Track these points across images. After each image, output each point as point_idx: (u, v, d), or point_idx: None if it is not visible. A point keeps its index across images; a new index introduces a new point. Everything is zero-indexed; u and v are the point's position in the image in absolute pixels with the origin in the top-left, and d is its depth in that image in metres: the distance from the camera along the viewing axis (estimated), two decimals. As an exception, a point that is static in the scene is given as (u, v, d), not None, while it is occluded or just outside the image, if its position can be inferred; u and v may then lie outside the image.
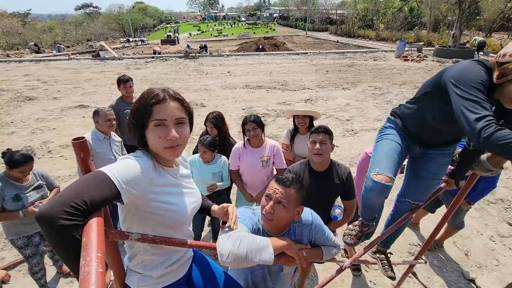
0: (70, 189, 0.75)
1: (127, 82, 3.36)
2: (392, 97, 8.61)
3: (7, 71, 12.47)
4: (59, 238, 0.69)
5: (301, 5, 48.96)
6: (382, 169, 1.49)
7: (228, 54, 17.57)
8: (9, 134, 5.92)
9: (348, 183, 1.98)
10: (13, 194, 2.08)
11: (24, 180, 2.16)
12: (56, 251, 0.72)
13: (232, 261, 1.03)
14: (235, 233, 1.09)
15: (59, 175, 4.37)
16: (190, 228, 1.26)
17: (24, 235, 2.19)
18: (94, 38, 28.59)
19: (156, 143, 0.97)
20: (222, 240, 1.08)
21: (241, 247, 1.04)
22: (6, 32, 23.85)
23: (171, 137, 0.96)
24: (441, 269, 2.78)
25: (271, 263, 1.10)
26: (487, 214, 3.58)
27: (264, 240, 1.13)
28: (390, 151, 1.55)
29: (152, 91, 0.98)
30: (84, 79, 11.08)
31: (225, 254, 1.03)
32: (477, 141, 1.07)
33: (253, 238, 1.10)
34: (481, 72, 1.16)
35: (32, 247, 2.22)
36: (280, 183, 1.25)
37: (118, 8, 47.75)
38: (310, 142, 1.91)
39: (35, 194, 2.20)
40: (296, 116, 2.65)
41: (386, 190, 1.48)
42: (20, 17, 31.71)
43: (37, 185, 2.23)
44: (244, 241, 1.06)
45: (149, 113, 0.95)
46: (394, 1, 33.55)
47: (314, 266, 2.72)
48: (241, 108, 7.54)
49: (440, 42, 20.10)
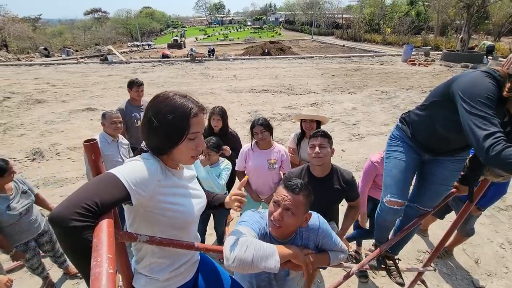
0: (81, 191, 0.76)
1: (141, 86, 3.43)
2: (399, 101, 8.54)
3: (17, 75, 12.75)
4: (70, 239, 0.70)
5: (307, 10, 49.18)
6: (394, 195, 1.58)
7: (234, 58, 17.69)
8: (18, 136, 6.03)
9: (350, 187, 1.96)
10: (5, 206, 2.06)
11: (7, 190, 2.13)
12: (66, 252, 0.73)
13: (238, 266, 1.02)
14: (242, 238, 1.08)
15: (67, 177, 4.42)
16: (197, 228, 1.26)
17: (21, 243, 2.23)
18: (102, 42, 29.15)
19: (188, 153, 1.00)
20: (228, 244, 1.07)
21: (247, 252, 1.03)
22: (17, 37, 24.45)
23: (202, 147, 1.03)
24: (451, 277, 2.73)
25: (277, 271, 1.08)
26: (497, 221, 3.50)
27: (271, 247, 1.12)
28: (399, 173, 1.60)
29: (184, 104, 0.95)
30: (92, 82, 11.26)
31: (230, 258, 1.03)
32: (486, 158, 1.07)
33: (260, 244, 1.09)
34: (489, 86, 1.13)
35: (31, 251, 2.29)
36: (289, 190, 1.23)
37: (126, 13, 48.64)
38: (309, 146, 1.91)
39: (24, 200, 2.20)
40: (304, 120, 2.64)
41: (399, 212, 1.62)
42: (31, 21, 32.48)
43: (22, 191, 2.22)
44: (251, 246, 1.05)
45: (188, 128, 0.96)
46: (401, 5, 33.48)
47: (320, 271, 2.68)
48: (246, 112, 7.56)
49: (448, 46, 19.93)
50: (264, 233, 1.29)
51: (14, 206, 2.11)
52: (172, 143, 0.96)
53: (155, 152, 1.00)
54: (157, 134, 0.96)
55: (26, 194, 2.25)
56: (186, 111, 0.95)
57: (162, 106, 0.95)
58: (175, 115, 0.94)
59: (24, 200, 2.20)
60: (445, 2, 21.15)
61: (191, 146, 0.99)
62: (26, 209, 2.19)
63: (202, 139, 1.03)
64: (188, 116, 0.95)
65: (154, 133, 0.96)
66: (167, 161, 1.04)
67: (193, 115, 0.96)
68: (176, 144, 0.96)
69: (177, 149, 0.98)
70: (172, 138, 0.96)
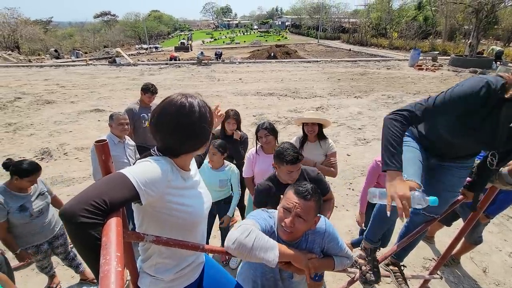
0: (91, 188, 0.78)
1: (154, 94, 3.51)
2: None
3: (28, 75, 13.03)
4: (78, 235, 0.72)
5: (314, 14, 49.26)
6: (410, 175, 1.32)
7: (240, 61, 17.80)
8: (28, 136, 6.15)
9: (318, 183, 1.85)
10: (18, 205, 2.05)
11: (29, 190, 2.13)
12: (76, 248, 0.75)
13: (237, 248, 1.05)
14: (247, 226, 1.12)
15: (74, 177, 4.49)
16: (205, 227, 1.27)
17: (33, 245, 2.22)
18: (111, 45, 29.65)
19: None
20: (232, 229, 1.13)
21: (248, 238, 1.07)
22: (29, 39, 25.07)
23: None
24: (458, 285, 2.67)
25: (274, 266, 1.11)
26: (506, 229, 3.43)
27: (272, 242, 1.14)
28: (414, 158, 1.45)
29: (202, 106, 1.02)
30: (100, 84, 11.44)
31: (231, 239, 1.07)
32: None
33: (262, 235, 1.13)
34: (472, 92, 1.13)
35: (42, 253, 2.29)
36: (300, 196, 1.22)
37: (135, 16, 49.44)
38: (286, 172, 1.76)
39: (39, 202, 2.18)
40: (306, 124, 2.64)
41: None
42: (42, 24, 33.29)
43: (40, 192, 2.21)
44: (252, 234, 1.09)
45: (210, 131, 1.07)
46: (409, 9, 33.31)
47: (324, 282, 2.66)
48: (252, 115, 7.59)
49: (456, 51, 19.75)
50: (271, 232, 1.30)
51: (27, 206, 2.09)
52: (199, 145, 1.05)
53: (168, 153, 1.02)
54: (185, 137, 1.00)
55: (43, 195, 2.23)
56: (210, 117, 1.05)
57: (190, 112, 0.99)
58: (200, 119, 1.00)
59: (39, 201, 2.18)
60: (454, 7, 20.98)
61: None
62: (39, 211, 2.16)
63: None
64: (211, 119, 1.05)
65: (180, 137, 1.00)
66: (178, 161, 1.05)
67: (210, 111, 1.06)
68: (203, 145, 1.05)
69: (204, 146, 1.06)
70: (201, 142, 1.05)
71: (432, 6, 28.85)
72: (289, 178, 1.76)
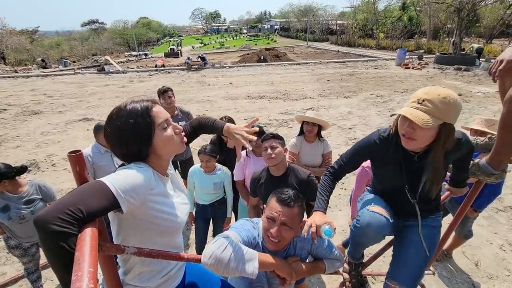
0: (67, 196, 0.75)
1: (165, 92, 3.27)
2: (394, 104, 8.60)
3: (14, 87, 12.74)
4: (49, 244, 0.69)
5: (302, 17, 49.88)
6: (377, 205, 1.47)
7: (230, 66, 17.80)
8: (14, 148, 5.99)
9: (307, 186, 1.92)
10: (2, 204, 2.03)
11: (18, 192, 2.10)
12: (47, 257, 0.72)
13: (213, 264, 1.01)
14: (224, 239, 1.07)
15: (62, 188, 4.38)
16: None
17: (21, 247, 2.23)
18: (100, 53, 29.32)
19: (172, 141, 1.03)
20: (210, 242, 1.09)
21: (225, 252, 1.02)
22: (14, 49, 24.57)
23: (179, 129, 1.07)
24: (451, 280, 2.70)
25: (254, 277, 1.07)
26: (496, 222, 3.48)
27: (251, 253, 1.10)
28: (380, 201, 1.54)
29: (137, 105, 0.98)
30: (89, 92, 11.27)
31: (207, 255, 1.02)
32: None
33: (240, 248, 1.08)
34: (367, 143, 1.49)
35: (28, 257, 2.29)
36: (283, 204, 1.21)
37: (123, 23, 49.11)
38: (262, 150, 1.97)
39: (24, 207, 2.10)
40: (306, 123, 2.64)
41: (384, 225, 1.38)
42: (29, 34, 32.67)
43: (28, 199, 2.13)
44: (229, 248, 1.04)
45: (152, 121, 0.98)
46: (393, 10, 34.01)
47: (309, 285, 2.65)
48: (243, 119, 7.58)
49: (441, 49, 20.20)
50: (255, 243, 1.27)
51: (10, 209, 2.06)
52: (146, 141, 0.98)
53: (137, 159, 1.00)
54: (130, 140, 0.96)
55: (30, 204, 2.14)
56: (143, 109, 0.98)
57: (121, 116, 0.96)
58: (136, 116, 0.96)
59: (24, 207, 2.10)
60: (436, 7, 21.50)
61: (170, 133, 1.02)
62: (20, 217, 2.09)
63: (173, 123, 1.06)
64: (146, 111, 0.98)
65: (126, 142, 0.96)
66: (157, 167, 1.03)
67: (150, 108, 0.99)
68: (150, 139, 0.98)
69: (157, 143, 0.99)
70: (144, 136, 0.97)
71: (416, 6, 29.52)
72: (267, 159, 1.90)
